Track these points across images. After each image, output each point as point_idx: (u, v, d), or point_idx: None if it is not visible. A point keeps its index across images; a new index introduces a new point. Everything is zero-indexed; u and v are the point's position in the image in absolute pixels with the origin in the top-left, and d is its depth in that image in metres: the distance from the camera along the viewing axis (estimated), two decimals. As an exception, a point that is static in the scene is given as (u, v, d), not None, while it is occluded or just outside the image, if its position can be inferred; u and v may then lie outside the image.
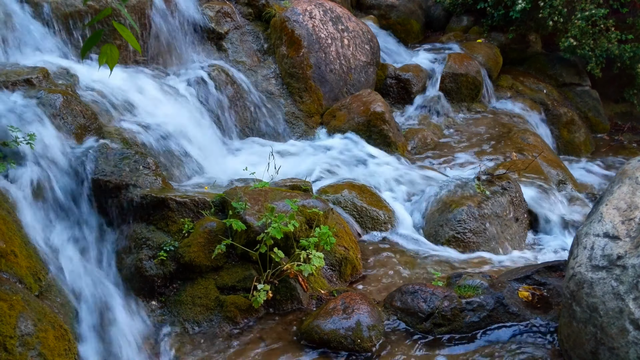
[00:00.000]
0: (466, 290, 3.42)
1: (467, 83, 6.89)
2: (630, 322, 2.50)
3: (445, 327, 3.29)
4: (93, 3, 4.94)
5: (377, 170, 5.37)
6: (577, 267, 2.79)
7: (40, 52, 4.67)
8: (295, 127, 5.98)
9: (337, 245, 3.96)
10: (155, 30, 5.43)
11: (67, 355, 2.88)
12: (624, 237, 2.70)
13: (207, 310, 3.50)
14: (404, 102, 6.79)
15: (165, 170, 4.18)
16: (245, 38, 6.25)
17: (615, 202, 2.86)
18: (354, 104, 5.94)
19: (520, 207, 4.81)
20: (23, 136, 3.53)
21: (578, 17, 6.83)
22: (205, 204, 3.79)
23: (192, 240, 3.61)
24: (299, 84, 6.09)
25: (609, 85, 7.74)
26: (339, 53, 6.31)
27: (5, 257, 2.95)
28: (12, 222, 3.19)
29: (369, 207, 4.63)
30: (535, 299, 3.38)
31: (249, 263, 3.59)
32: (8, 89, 3.89)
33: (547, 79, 7.69)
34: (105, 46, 2.00)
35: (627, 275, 2.57)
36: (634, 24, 7.10)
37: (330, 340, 3.21)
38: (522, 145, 6.03)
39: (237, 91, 5.70)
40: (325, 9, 6.43)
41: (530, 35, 7.74)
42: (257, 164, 4.64)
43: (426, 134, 6.24)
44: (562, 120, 7.21)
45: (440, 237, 4.48)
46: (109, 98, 4.53)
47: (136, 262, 3.57)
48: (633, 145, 7.41)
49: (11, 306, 2.72)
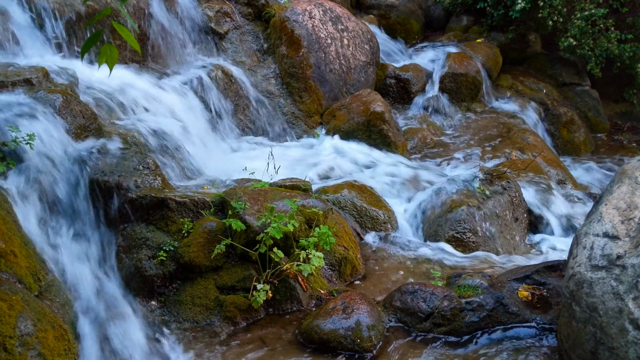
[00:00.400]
0: (466, 290, 3.42)
1: (467, 83, 6.89)
2: (630, 321, 2.50)
3: (445, 327, 3.29)
4: (92, 3, 4.94)
5: (376, 170, 5.38)
6: (577, 266, 2.79)
7: (39, 52, 4.67)
8: (295, 127, 5.98)
9: (336, 245, 3.96)
10: (155, 30, 5.43)
11: (66, 355, 2.88)
12: (623, 237, 2.70)
13: (207, 310, 3.50)
14: (404, 102, 6.79)
15: (165, 170, 4.18)
16: (245, 38, 6.25)
17: (615, 201, 2.86)
18: (354, 104, 5.94)
19: (519, 206, 4.81)
20: (22, 136, 3.53)
21: (578, 16, 6.83)
22: (205, 204, 3.79)
23: (191, 240, 3.61)
24: (298, 83, 6.09)
25: (609, 85, 7.75)
26: (339, 53, 6.31)
27: (4, 257, 2.95)
28: (11, 222, 3.19)
29: (368, 207, 4.63)
30: (535, 299, 3.38)
31: (248, 263, 3.59)
32: (8, 88, 3.89)
33: (547, 79, 7.69)
34: (104, 46, 2.00)
35: (627, 275, 2.57)
36: (633, 24, 7.10)
37: (330, 340, 3.21)
38: (521, 144, 6.03)
39: (237, 91, 5.70)
40: (325, 9, 6.43)
41: (530, 35, 7.74)
42: (257, 164, 4.64)
43: (426, 134, 6.24)
44: (562, 120, 7.21)
45: (440, 237, 4.47)
46: (108, 98, 4.53)
47: (136, 262, 3.57)
48: (633, 145, 7.41)
49: (11, 306, 2.72)
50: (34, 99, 3.83)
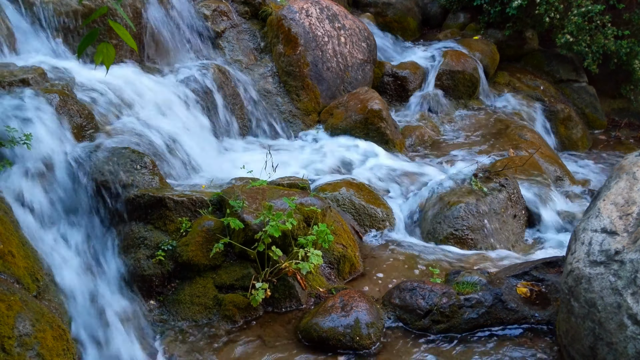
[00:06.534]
0: (464, 287, 3.42)
1: (464, 80, 6.88)
2: (629, 316, 2.51)
3: (444, 324, 3.30)
4: (89, 2, 4.92)
5: (375, 167, 5.37)
6: (575, 262, 2.79)
7: (36, 51, 4.66)
8: (292, 125, 5.98)
9: (335, 243, 3.96)
10: (151, 29, 5.42)
11: (65, 355, 2.87)
12: (621, 233, 2.70)
13: (206, 309, 3.50)
14: (401, 99, 6.78)
15: (163, 169, 4.17)
16: (241, 36, 6.24)
17: (613, 197, 2.86)
18: (351, 102, 5.93)
19: (518, 203, 4.81)
20: (19, 136, 3.52)
21: (574, 13, 6.84)
22: (203, 203, 3.79)
23: (190, 239, 3.60)
24: (296, 82, 6.08)
25: (606, 81, 7.75)
26: (336, 51, 6.31)
27: (2, 257, 2.94)
28: (9, 223, 3.19)
29: (367, 204, 4.63)
30: (534, 295, 3.38)
31: (247, 261, 3.58)
32: (4, 89, 3.88)
33: (544, 76, 7.69)
34: (101, 45, 1.99)
35: (625, 270, 2.57)
36: (630, 20, 7.10)
37: (329, 338, 3.21)
38: (519, 141, 6.03)
39: (234, 90, 5.69)
40: (322, 7, 6.43)
41: (527, 31, 7.74)
42: (255, 163, 4.63)
43: (423, 131, 6.23)
44: (559, 116, 7.21)
45: (439, 234, 4.48)
46: (105, 97, 4.51)
47: (134, 261, 3.57)
48: (630, 141, 7.42)
49: (9, 306, 2.71)
50: (30, 99, 3.82)
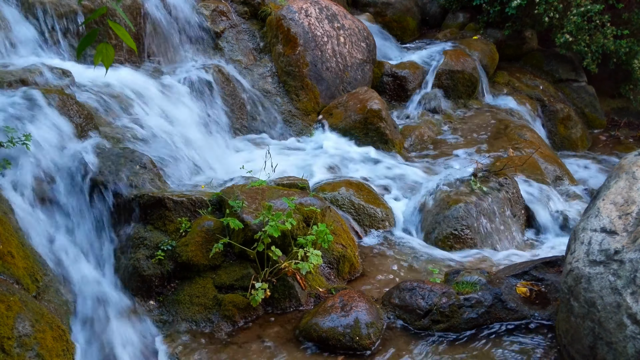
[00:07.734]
0: (464, 287, 3.42)
1: (464, 80, 6.89)
2: (628, 316, 2.51)
3: (444, 324, 3.30)
4: (88, 2, 4.92)
5: (374, 167, 5.37)
6: (575, 262, 2.79)
7: (35, 52, 4.66)
8: (292, 125, 5.98)
9: (334, 243, 3.96)
10: (151, 29, 5.42)
11: (65, 355, 2.87)
12: (621, 232, 2.70)
13: (206, 309, 3.50)
14: (401, 99, 6.78)
15: (162, 169, 4.17)
16: (241, 36, 6.24)
17: (612, 197, 2.86)
18: (351, 102, 5.93)
19: (517, 203, 4.81)
20: (19, 136, 3.52)
21: (574, 13, 6.84)
22: (203, 203, 3.78)
23: (189, 240, 3.60)
24: (295, 82, 6.08)
25: (605, 81, 7.75)
26: (335, 51, 6.31)
27: (2, 258, 2.94)
28: (8, 223, 3.18)
29: (366, 204, 4.63)
30: (533, 295, 3.39)
31: (246, 262, 3.58)
32: (3, 89, 3.88)
33: (543, 75, 7.70)
34: (100, 45, 1.99)
35: (625, 269, 2.57)
36: (629, 20, 7.10)
37: (329, 338, 3.20)
38: (518, 141, 6.03)
39: (233, 90, 5.69)
40: (321, 7, 6.43)
41: (526, 31, 7.74)
42: (254, 163, 4.63)
43: (423, 131, 6.23)
44: (559, 116, 7.21)
45: (438, 234, 4.48)
46: (104, 97, 4.51)
47: (133, 261, 3.57)
48: (629, 141, 7.42)
49: (8, 307, 2.71)
50: (29, 99, 3.82)
